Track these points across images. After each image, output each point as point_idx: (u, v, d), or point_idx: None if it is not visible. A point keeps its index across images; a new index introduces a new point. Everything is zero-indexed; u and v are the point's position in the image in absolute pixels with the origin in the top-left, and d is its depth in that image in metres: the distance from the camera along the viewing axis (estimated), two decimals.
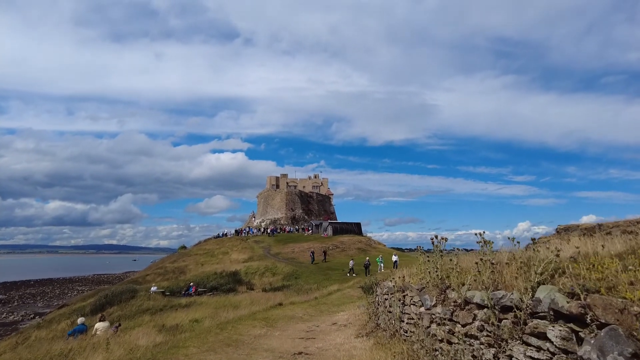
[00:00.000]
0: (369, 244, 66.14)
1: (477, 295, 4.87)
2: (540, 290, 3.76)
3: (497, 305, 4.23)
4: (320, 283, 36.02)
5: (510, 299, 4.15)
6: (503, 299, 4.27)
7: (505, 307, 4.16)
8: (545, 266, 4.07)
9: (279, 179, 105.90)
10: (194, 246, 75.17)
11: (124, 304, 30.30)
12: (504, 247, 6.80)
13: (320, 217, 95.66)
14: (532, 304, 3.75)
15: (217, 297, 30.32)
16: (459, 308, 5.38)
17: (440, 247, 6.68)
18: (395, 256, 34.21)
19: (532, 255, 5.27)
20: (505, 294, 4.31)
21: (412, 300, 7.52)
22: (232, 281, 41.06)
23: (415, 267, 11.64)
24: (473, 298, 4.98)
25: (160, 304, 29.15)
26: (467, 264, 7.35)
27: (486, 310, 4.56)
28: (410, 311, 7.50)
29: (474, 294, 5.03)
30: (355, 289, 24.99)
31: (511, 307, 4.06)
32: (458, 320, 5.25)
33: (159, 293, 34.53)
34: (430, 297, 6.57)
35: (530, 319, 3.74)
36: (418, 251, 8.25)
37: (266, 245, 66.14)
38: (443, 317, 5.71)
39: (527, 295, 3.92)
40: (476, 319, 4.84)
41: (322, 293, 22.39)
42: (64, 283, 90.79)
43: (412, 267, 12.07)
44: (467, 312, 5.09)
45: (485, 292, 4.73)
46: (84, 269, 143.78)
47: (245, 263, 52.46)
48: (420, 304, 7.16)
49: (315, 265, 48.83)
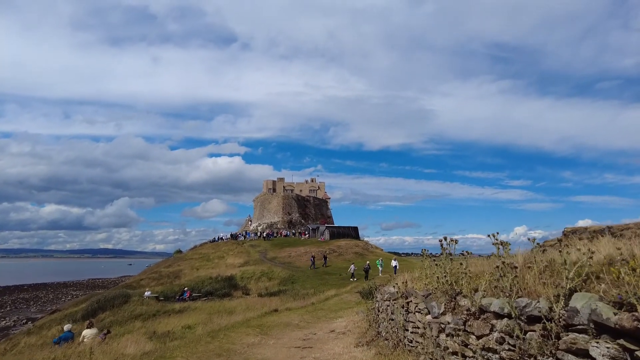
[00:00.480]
0: (366, 248, 65.55)
1: (495, 303, 4.33)
2: (576, 298, 3.22)
3: (523, 315, 3.68)
4: (317, 288, 35.39)
5: (536, 307, 3.61)
6: (527, 307, 3.73)
7: (531, 318, 3.61)
8: (577, 270, 3.53)
9: (275, 183, 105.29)
10: (190, 250, 74.37)
11: (116, 309, 29.58)
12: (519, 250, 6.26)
13: (317, 221, 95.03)
14: (567, 314, 3.21)
15: (211, 303, 29.66)
16: (472, 317, 4.83)
17: (449, 250, 6.12)
18: (394, 261, 33.54)
19: (555, 258, 4.73)
20: (529, 302, 3.77)
21: (417, 307, 6.96)
22: (228, 286, 40.39)
23: (417, 272, 11.09)
24: (490, 306, 4.43)
25: (153, 309, 28.48)
26: (478, 268, 6.81)
27: (507, 321, 4.02)
28: (416, 319, 6.94)
29: (490, 301, 4.49)
30: (353, 294, 24.40)
31: (539, 318, 3.52)
32: (472, 331, 4.70)
33: (153, 298, 33.80)
34: (438, 305, 6.02)
35: (565, 333, 3.20)
36: (423, 255, 7.69)
37: (262, 250, 65.44)
38: (455, 327, 5.16)
39: (559, 304, 3.38)
40: (494, 330, 4.29)
41: (319, 298, 21.80)
42: (58, 288, 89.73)
43: (414, 272, 11.52)
44: (483, 322, 4.55)
45: (505, 300, 4.19)
46: (78, 274, 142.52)
47: (241, 267, 51.76)
48: (426, 312, 6.61)
49: (312, 270, 48.18)
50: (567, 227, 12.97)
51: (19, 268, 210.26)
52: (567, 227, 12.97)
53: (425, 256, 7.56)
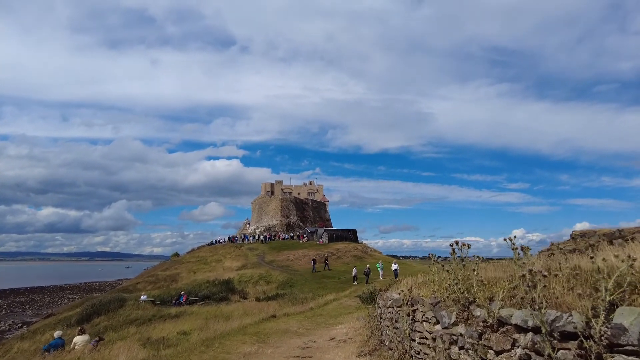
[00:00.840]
0: (364, 252, 65.06)
1: (517, 315, 3.89)
2: (622, 314, 2.78)
3: (554, 330, 3.23)
4: (316, 292, 34.92)
5: (569, 322, 3.17)
6: (557, 322, 3.29)
7: (565, 334, 3.17)
8: (617, 279, 3.09)
9: (273, 186, 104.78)
10: (187, 253, 73.74)
11: (111, 313, 29.06)
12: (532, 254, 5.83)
13: (316, 224, 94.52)
14: (610, 332, 2.77)
15: (208, 307, 29.16)
16: (490, 329, 4.39)
17: (462, 255, 5.68)
18: (395, 264, 32.99)
19: (582, 265, 4.29)
20: (559, 316, 3.33)
21: (424, 316, 6.51)
22: (225, 290, 39.88)
23: (421, 277, 10.64)
24: (511, 318, 3.99)
25: (149, 313, 27.96)
26: (490, 274, 6.37)
27: (533, 336, 3.58)
28: (423, 329, 6.50)
29: (510, 312, 4.05)
30: (353, 299, 23.94)
31: (574, 334, 3.08)
32: (490, 345, 4.26)
33: (149, 302, 33.29)
34: (449, 314, 5.58)
35: (609, 354, 2.76)
36: (431, 259, 7.24)
37: (260, 253, 64.91)
38: (469, 339, 4.71)
39: (598, 320, 2.94)
40: (517, 346, 3.85)
41: (318, 303, 21.33)
42: (55, 291, 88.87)
43: (417, 277, 11.07)
44: (503, 335, 4.10)
45: (528, 311, 3.75)
46: (75, 277, 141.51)
47: (239, 271, 51.24)
48: (434, 321, 6.16)
49: (310, 274, 47.68)
50: (575, 230, 12.53)
51: (16, 271, 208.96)
52: (575, 230, 12.53)
53: (433, 261, 7.11)
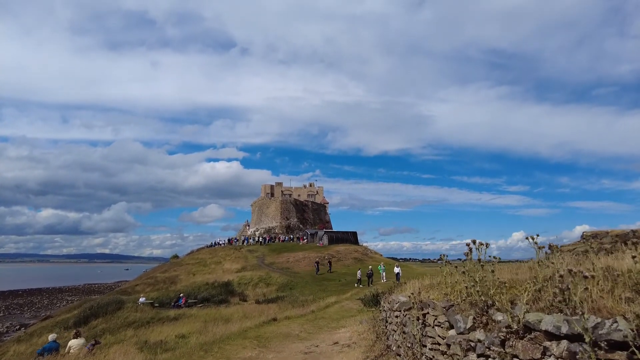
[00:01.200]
0: (365, 254, 64.60)
1: (548, 321, 3.52)
2: None
3: (600, 339, 2.86)
4: (316, 294, 34.51)
5: (615, 330, 2.80)
6: (600, 329, 2.93)
7: (611, 343, 2.80)
8: None
9: (273, 187, 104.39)
10: (187, 255, 73.28)
11: (109, 316, 28.63)
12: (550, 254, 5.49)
13: (316, 226, 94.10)
14: None
15: (207, 309, 28.75)
16: (514, 336, 4.02)
17: (479, 256, 5.31)
18: (397, 267, 32.40)
19: (614, 266, 3.93)
20: (600, 322, 2.97)
21: (436, 320, 6.14)
22: (224, 292, 39.47)
23: (428, 280, 10.28)
24: (540, 324, 3.62)
25: (147, 316, 27.55)
26: (508, 276, 6.01)
27: (568, 344, 3.21)
28: (435, 334, 6.12)
29: (539, 317, 3.68)
30: (354, 301, 23.55)
31: (623, 344, 2.72)
32: (516, 354, 3.89)
33: (148, 304, 32.87)
34: (464, 319, 5.21)
35: None
36: (442, 260, 6.88)
37: (260, 255, 64.47)
38: (490, 346, 4.34)
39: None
40: (548, 354, 3.48)
41: (319, 306, 20.94)
42: (54, 293, 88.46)
43: (424, 279, 10.70)
44: (531, 343, 3.74)
45: (560, 316, 3.39)
46: (74, 279, 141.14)
47: (239, 273, 50.82)
48: (448, 326, 5.80)
49: (310, 276, 47.28)
50: (586, 232, 12.20)
51: (15, 273, 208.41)
52: (586, 232, 12.20)
53: (444, 262, 6.74)
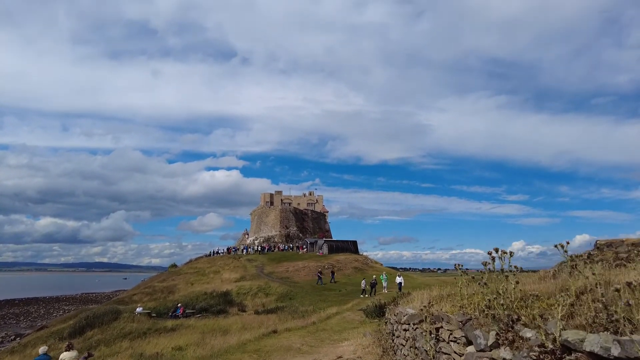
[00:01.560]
0: (365, 263, 63.97)
1: (594, 341, 3.07)
2: None
3: None
4: (317, 305, 33.90)
5: None
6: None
7: None
8: None
9: (273, 196, 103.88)
10: (185, 264, 72.58)
11: (105, 326, 28.01)
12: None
13: (315, 235, 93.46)
14: None
15: (205, 320, 28.16)
16: (549, 356, 3.56)
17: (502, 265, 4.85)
18: (399, 277, 31.75)
19: None
20: None
21: (451, 335, 5.67)
22: (223, 302, 38.84)
23: (436, 290, 9.80)
24: (582, 344, 3.17)
25: (144, 327, 26.94)
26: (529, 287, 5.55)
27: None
28: (451, 350, 5.65)
29: (581, 336, 3.23)
30: (356, 312, 23.00)
31: None
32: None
33: (145, 314, 32.23)
34: (485, 334, 4.74)
35: None
36: (457, 269, 6.41)
37: (259, 264, 63.79)
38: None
39: None
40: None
41: (320, 317, 20.40)
42: (50, 302, 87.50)
43: (432, 290, 10.22)
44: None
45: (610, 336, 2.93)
46: (72, 288, 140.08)
47: (237, 283, 50.16)
48: (464, 342, 5.33)
49: (310, 286, 46.66)
50: (600, 240, 11.77)
51: (12, 282, 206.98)
52: (600, 240, 11.77)
53: (460, 272, 6.28)
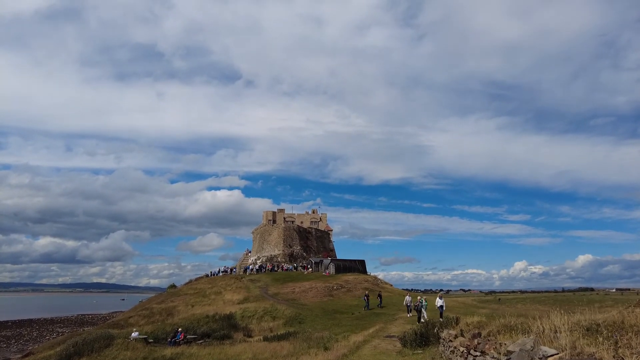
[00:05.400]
0: (375, 284, 60.75)
1: None
2: None
3: None
4: (331, 330, 30.66)
5: None
6: None
7: None
8: None
9: (275, 214, 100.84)
10: (184, 285, 69.12)
11: (95, 355, 24.77)
12: None
13: (320, 254, 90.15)
14: None
15: (209, 348, 24.95)
16: None
17: None
18: (440, 299, 27.59)
19: None
20: None
21: None
22: (227, 326, 35.58)
23: (557, 318, 6.87)
24: None
25: (139, 355, 23.75)
26: None
27: None
28: None
29: None
30: (385, 340, 19.88)
31: None
32: None
33: (141, 340, 28.93)
34: None
35: None
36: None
37: (263, 285, 60.49)
38: None
39: None
40: None
41: (348, 346, 17.28)
42: (44, 324, 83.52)
43: (552, 317, 7.27)
44: None
45: None
46: (68, 309, 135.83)
47: (241, 305, 46.84)
48: None
49: (320, 308, 43.44)
50: None
51: (7, 303, 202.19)
52: None
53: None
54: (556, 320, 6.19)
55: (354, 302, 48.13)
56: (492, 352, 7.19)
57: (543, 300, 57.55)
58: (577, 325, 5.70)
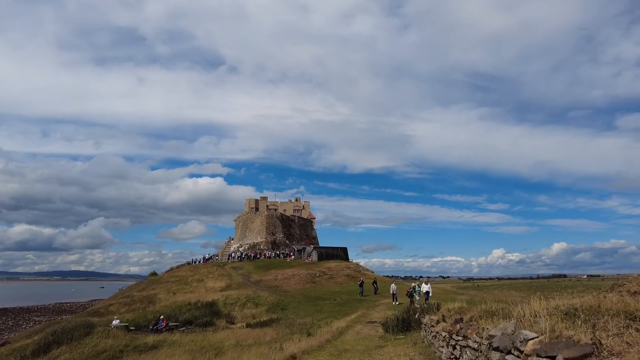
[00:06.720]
0: (357, 271, 61.30)
1: None
2: None
3: None
4: (313, 316, 30.97)
5: None
6: None
7: None
8: None
9: (258, 202, 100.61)
10: (166, 273, 68.72)
11: (75, 343, 24.43)
12: None
13: (302, 242, 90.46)
14: None
15: (192, 335, 24.92)
16: None
17: None
18: (426, 285, 27.49)
19: None
20: None
21: None
22: (209, 313, 35.55)
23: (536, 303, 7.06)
24: None
25: (120, 343, 23.54)
26: None
27: None
28: None
29: None
30: (367, 325, 20.16)
31: None
32: None
33: (122, 328, 28.68)
34: None
35: None
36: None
37: (245, 272, 60.50)
38: None
39: None
40: None
41: (331, 332, 17.48)
42: (20, 313, 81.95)
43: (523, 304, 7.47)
44: None
45: None
46: (45, 297, 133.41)
47: (223, 292, 46.81)
48: None
49: (302, 295, 43.69)
50: None
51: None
52: None
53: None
54: (536, 306, 6.37)
55: (336, 288, 48.54)
56: (474, 337, 7.37)
57: (519, 286, 58.96)
58: (556, 309, 5.89)
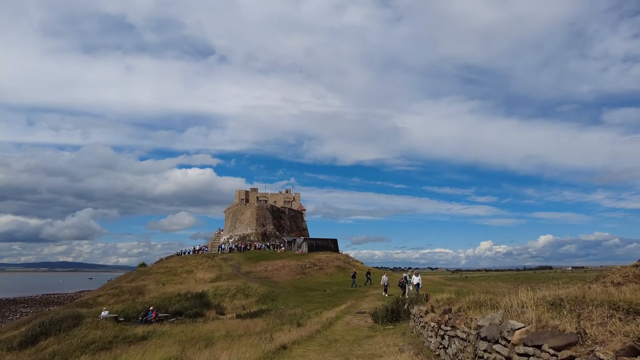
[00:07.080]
0: (347, 262, 61.66)
1: None
2: None
3: None
4: (303, 307, 31.13)
5: None
6: None
7: None
8: None
9: (248, 193, 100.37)
10: (155, 264, 68.41)
11: (63, 334, 24.30)
12: None
13: (293, 234, 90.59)
14: None
15: (182, 326, 24.93)
16: None
17: None
18: (417, 277, 27.58)
19: None
20: None
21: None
22: (199, 304, 35.54)
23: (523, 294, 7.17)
24: None
25: (109, 334, 23.47)
26: None
27: None
28: None
29: None
30: (356, 316, 20.33)
31: None
32: None
33: (111, 319, 28.54)
34: None
35: None
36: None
37: (235, 263, 60.50)
38: None
39: None
40: None
41: (321, 322, 17.58)
42: (6, 304, 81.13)
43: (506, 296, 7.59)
44: None
45: None
46: (32, 289, 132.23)
47: (213, 283, 46.81)
48: None
49: (292, 286, 43.86)
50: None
51: None
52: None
53: None
54: (523, 296, 6.48)
55: (326, 279, 48.80)
56: (462, 327, 7.48)
57: (506, 278, 59.77)
58: (543, 300, 6.00)
